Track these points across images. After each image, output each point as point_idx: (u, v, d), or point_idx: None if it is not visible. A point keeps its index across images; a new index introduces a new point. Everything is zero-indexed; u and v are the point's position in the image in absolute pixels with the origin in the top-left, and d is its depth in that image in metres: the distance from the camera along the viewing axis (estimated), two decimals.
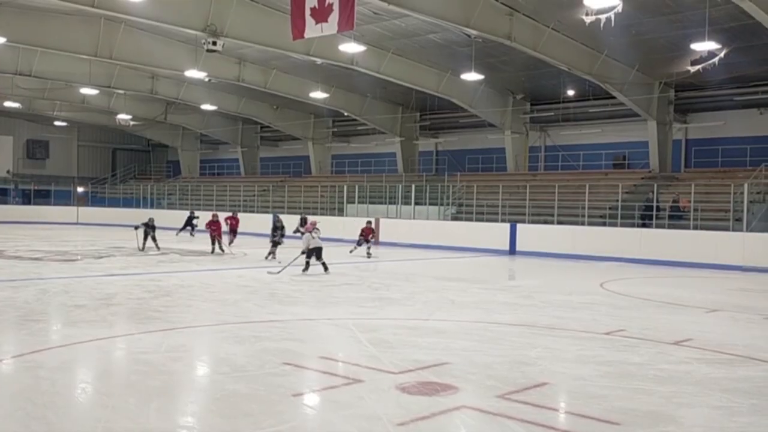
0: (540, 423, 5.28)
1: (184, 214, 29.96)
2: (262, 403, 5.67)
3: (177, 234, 27.85)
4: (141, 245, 21.16)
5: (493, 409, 5.58)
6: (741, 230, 20.35)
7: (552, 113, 30.20)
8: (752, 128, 26.25)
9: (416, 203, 28.93)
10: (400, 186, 30.17)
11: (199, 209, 33.02)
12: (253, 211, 34.85)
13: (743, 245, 19.60)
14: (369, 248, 21.23)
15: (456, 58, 25.25)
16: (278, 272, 15.25)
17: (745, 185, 20.71)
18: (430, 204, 28.53)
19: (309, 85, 30.66)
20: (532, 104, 31.48)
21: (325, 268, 15.54)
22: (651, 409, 5.70)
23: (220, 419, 5.27)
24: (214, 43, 20.93)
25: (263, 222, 31.88)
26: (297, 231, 20.77)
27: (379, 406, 5.62)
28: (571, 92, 28.48)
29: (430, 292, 13.21)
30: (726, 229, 20.76)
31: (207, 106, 35.11)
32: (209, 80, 29.42)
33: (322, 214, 27.73)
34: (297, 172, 41.65)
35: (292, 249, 17.67)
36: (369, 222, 22.09)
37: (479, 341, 8.55)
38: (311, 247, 15.73)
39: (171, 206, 39.72)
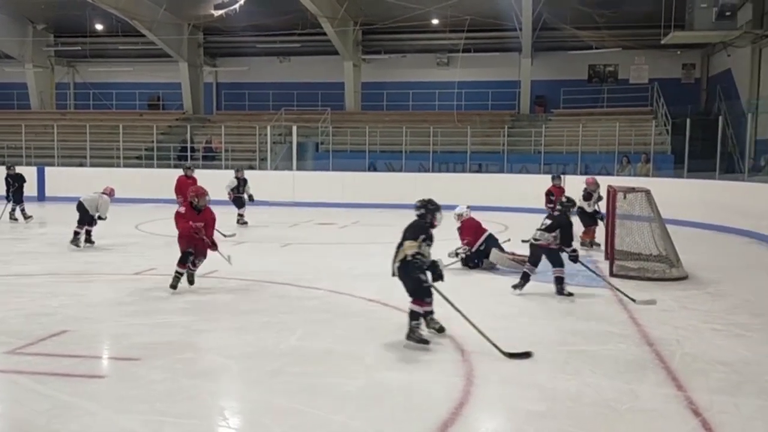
0: (55, 372, 5.01)
1: None
2: None
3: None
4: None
5: (1, 366, 5.08)
6: (266, 169, 22.34)
7: (79, 47, 28.18)
8: (274, 75, 28.75)
9: None
10: None
11: None
12: None
13: (269, 182, 21.47)
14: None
15: None
16: None
17: (268, 128, 22.68)
18: None
19: None
20: (56, 36, 28.86)
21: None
22: (171, 340, 5.91)
23: None
24: None
25: None
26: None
27: None
28: (99, 26, 26.95)
29: None
30: (253, 167, 22.51)
31: None
32: None
33: None
34: None
35: None
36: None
37: None
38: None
39: None
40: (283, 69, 28.81)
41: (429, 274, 5.80)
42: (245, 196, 15.54)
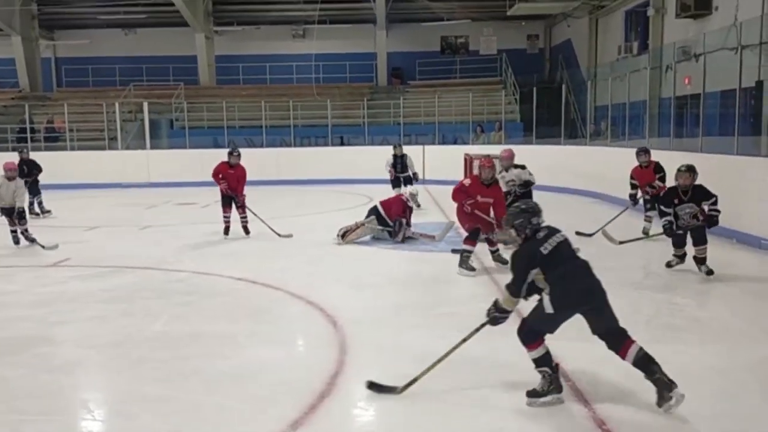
0: None
1: None
2: None
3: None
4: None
5: None
6: (117, 149, 21.18)
7: None
8: (119, 48, 27.16)
9: None
10: None
11: None
12: None
13: (121, 163, 20.41)
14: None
15: None
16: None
17: (117, 105, 21.45)
18: None
19: None
20: None
21: None
22: (24, 334, 5.52)
23: None
24: None
25: None
26: None
27: None
28: None
29: None
30: (102, 148, 21.27)
31: None
32: None
33: None
34: None
35: None
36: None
37: None
38: None
39: None
40: (129, 42, 27.29)
41: None
42: (410, 174, 13.87)
